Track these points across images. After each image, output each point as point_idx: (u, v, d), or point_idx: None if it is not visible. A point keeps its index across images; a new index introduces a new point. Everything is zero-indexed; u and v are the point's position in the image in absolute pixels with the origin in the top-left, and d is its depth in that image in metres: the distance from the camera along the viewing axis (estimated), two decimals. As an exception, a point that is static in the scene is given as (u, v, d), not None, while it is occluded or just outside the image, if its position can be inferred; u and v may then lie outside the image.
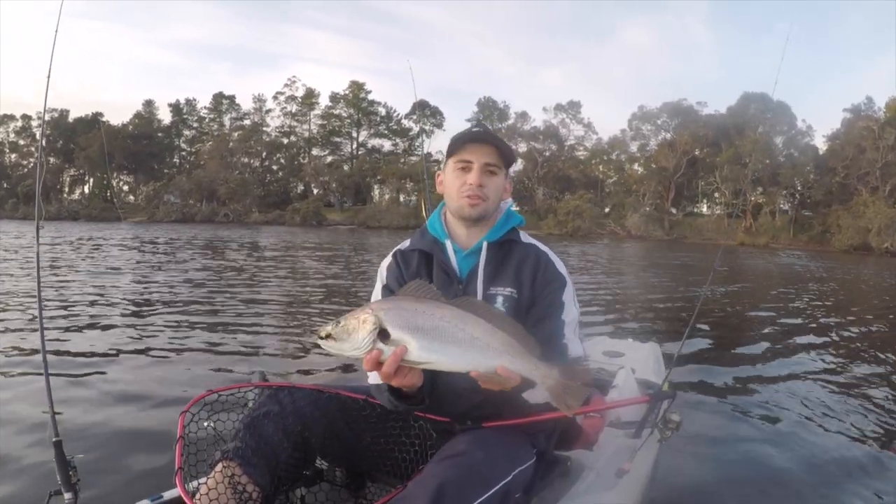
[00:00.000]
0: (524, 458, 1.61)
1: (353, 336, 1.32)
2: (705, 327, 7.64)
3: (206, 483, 1.54)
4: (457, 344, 1.35)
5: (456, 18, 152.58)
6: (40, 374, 2.03)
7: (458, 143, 1.80)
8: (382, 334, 1.32)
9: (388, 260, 1.93)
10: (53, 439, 1.78)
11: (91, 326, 7.22)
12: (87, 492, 1.99)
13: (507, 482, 1.46)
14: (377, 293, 1.87)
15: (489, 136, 1.81)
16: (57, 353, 5.75)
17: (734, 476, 3.11)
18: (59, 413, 1.97)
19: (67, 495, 1.70)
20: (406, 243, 1.94)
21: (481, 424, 1.66)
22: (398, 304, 1.37)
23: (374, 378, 1.59)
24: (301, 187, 78.93)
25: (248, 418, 1.66)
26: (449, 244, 1.84)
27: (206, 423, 1.76)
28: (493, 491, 1.42)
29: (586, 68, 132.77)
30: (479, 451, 1.47)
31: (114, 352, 5.92)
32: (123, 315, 8.17)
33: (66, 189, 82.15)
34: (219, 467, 1.55)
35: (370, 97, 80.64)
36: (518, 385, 1.40)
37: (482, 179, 1.78)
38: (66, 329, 7.02)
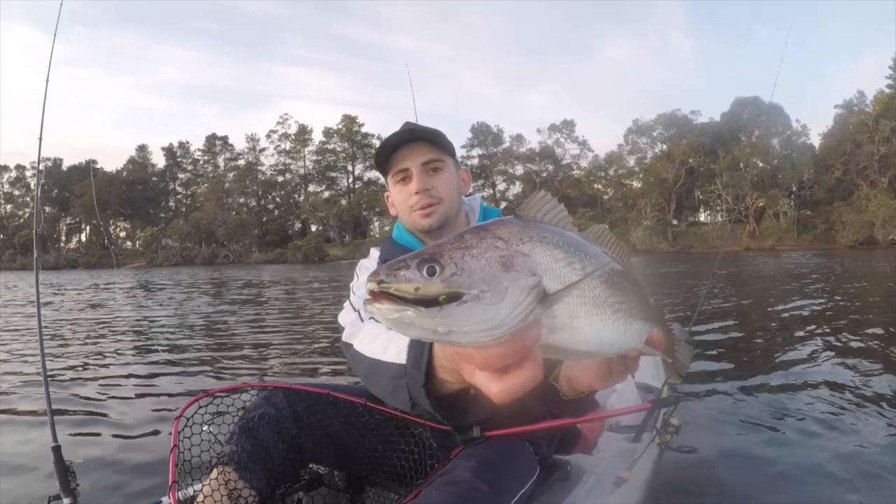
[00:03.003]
0: (528, 476, 1.49)
1: (502, 291, 0.62)
2: (705, 330, 7.53)
3: (202, 490, 1.48)
4: (624, 312, 0.78)
5: (438, 48, 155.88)
6: (40, 381, 2.03)
7: (385, 155, 1.60)
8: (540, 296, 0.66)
9: (374, 260, 1.73)
10: (52, 444, 1.77)
11: (93, 341, 7.57)
12: (86, 497, 1.98)
13: None
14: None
15: (414, 132, 1.58)
16: (58, 361, 5.98)
17: (735, 481, 2.99)
18: (58, 419, 1.96)
19: (66, 500, 1.71)
20: (375, 253, 1.76)
21: (483, 433, 1.48)
22: (537, 233, 0.69)
23: (394, 352, 1.11)
24: (298, 225, 78.83)
25: (244, 420, 1.60)
26: None
27: (204, 427, 1.70)
28: None
29: (572, 87, 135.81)
30: (482, 481, 1.33)
31: (114, 360, 6.12)
32: (125, 332, 8.49)
33: (64, 238, 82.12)
34: (214, 473, 1.49)
35: (363, 130, 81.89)
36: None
37: (426, 182, 1.58)
38: (68, 341, 7.40)
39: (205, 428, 1.69)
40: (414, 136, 1.57)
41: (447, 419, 1.02)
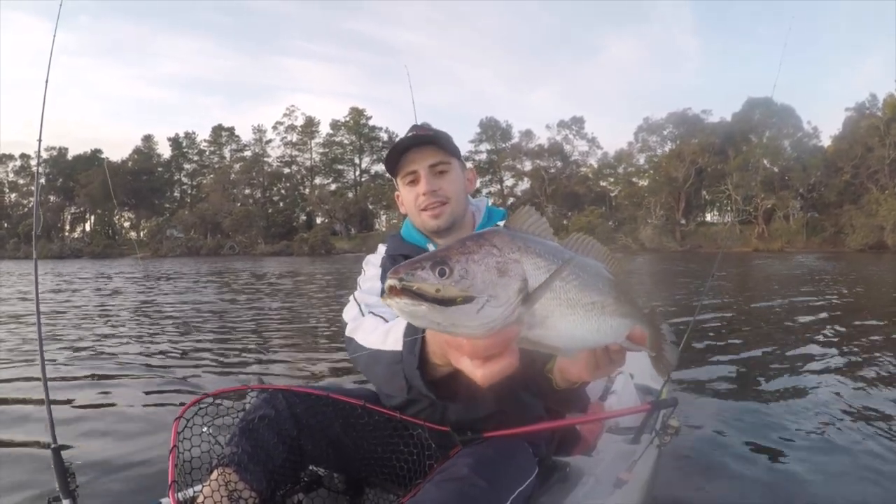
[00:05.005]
0: (526, 474, 1.52)
1: (502, 296, 0.76)
2: (707, 332, 7.56)
3: (202, 491, 1.50)
4: (600, 310, 0.90)
5: (443, 44, 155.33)
6: (39, 381, 2.01)
7: (394, 159, 1.68)
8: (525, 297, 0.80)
9: (380, 255, 1.80)
10: (52, 446, 1.78)
11: (92, 338, 7.50)
12: (86, 499, 1.99)
13: None
14: (375, 275, 1.69)
15: (421, 136, 1.64)
16: (57, 361, 5.90)
17: (734, 482, 3.03)
18: (57, 420, 1.95)
19: (66, 502, 1.72)
20: (382, 248, 1.83)
21: (482, 434, 1.56)
22: (524, 244, 0.82)
23: (392, 340, 1.27)
24: (303, 217, 78.53)
25: (244, 422, 1.63)
26: (432, 249, 1.64)
27: (203, 429, 1.72)
28: None
29: (577, 86, 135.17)
30: (479, 477, 1.39)
31: (113, 360, 6.06)
32: (124, 328, 8.48)
33: (68, 227, 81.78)
34: (214, 474, 1.52)
35: (371, 123, 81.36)
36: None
37: (433, 184, 1.66)
38: (68, 339, 7.28)
39: (204, 429, 1.71)
40: (421, 141, 1.63)
41: (440, 398, 1.14)
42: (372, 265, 1.77)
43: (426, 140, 1.64)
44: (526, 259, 0.80)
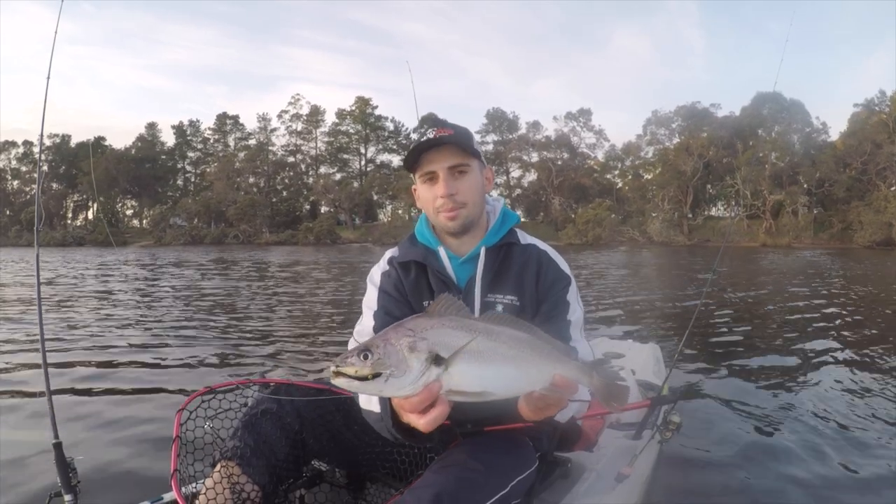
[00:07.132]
0: (525, 465, 1.55)
1: (406, 368, 1.03)
2: (709, 327, 7.56)
3: (204, 483, 1.54)
4: (511, 363, 1.13)
5: (449, 36, 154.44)
6: (40, 377, 1.99)
7: (414, 157, 1.66)
8: (437, 362, 1.06)
9: (383, 266, 1.80)
10: (53, 441, 1.78)
11: (93, 331, 7.45)
12: (88, 494, 1.99)
13: (504, 493, 1.43)
14: (372, 300, 1.74)
15: (442, 137, 1.62)
16: (58, 355, 5.84)
17: (735, 478, 3.04)
18: (59, 414, 1.93)
19: (67, 497, 1.72)
20: (395, 251, 1.82)
21: (483, 429, 1.60)
22: (437, 322, 1.10)
23: (375, 404, 1.46)
24: (307, 206, 78.18)
25: (247, 416, 1.65)
26: (442, 251, 1.72)
27: (205, 423, 1.73)
28: (489, 503, 1.40)
29: (582, 79, 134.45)
30: (478, 462, 1.43)
31: (114, 354, 6.04)
32: (126, 320, 8.43)
33: (70, 215, 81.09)
34: (218, 467, 1.54)
35: (377, 112, 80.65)
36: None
37: (451, 186, 1.64)
38: (69, 334, 7.23)
39: (207, 424, 1.73)
40: (440, 141, 1.60)
41: (412, 443, 1.45)
42: (371, 284, 1.78)
43: (447, 141, 1.61)
44: (437, 333, 1.06)
